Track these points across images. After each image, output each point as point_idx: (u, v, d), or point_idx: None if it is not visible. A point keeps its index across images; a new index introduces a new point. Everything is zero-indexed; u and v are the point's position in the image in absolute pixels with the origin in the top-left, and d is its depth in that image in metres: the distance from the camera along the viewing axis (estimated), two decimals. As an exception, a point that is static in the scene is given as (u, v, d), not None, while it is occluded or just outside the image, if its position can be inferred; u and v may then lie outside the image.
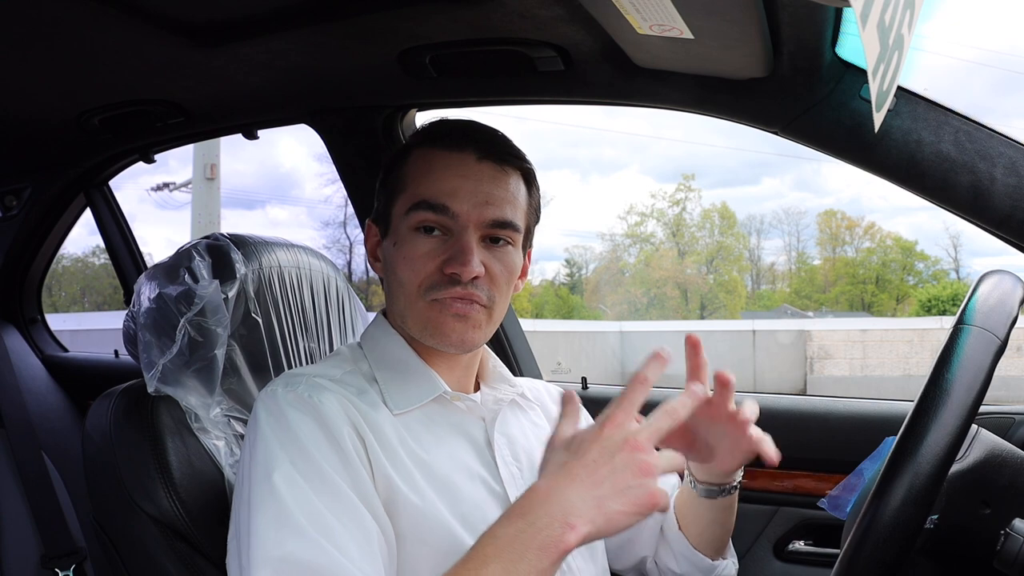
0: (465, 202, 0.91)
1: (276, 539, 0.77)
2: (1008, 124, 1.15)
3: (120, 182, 1.99)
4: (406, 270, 0.93)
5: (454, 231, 0.92)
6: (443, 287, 0.91)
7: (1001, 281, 0.81)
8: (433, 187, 0.92)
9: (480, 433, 0.97)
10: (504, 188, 0.94)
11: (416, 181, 0.94)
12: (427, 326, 0.93)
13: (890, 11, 0.63)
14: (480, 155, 0.94)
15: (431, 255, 0.92)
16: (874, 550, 0.70)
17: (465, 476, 0.91)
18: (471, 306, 0.92)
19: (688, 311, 34.58)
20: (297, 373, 0.93)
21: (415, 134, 1.01)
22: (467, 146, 0.94)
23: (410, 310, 0.94)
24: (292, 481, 0.81)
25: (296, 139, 60.90)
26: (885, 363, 14.57)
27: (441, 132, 0.98)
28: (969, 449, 0.87)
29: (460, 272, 0.90)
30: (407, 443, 0.90)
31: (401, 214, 0.94)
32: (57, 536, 1.65)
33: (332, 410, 0.86)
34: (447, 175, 0.93)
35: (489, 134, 0.97)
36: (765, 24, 0.95)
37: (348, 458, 0.84)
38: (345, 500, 0.81)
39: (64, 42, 1.21)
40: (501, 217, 0.93)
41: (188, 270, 1.10)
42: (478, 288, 0.92)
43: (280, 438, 0.84)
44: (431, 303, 0.92)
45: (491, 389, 1.03)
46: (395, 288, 0.96)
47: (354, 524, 0.80)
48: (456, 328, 0.92)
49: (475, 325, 0.93)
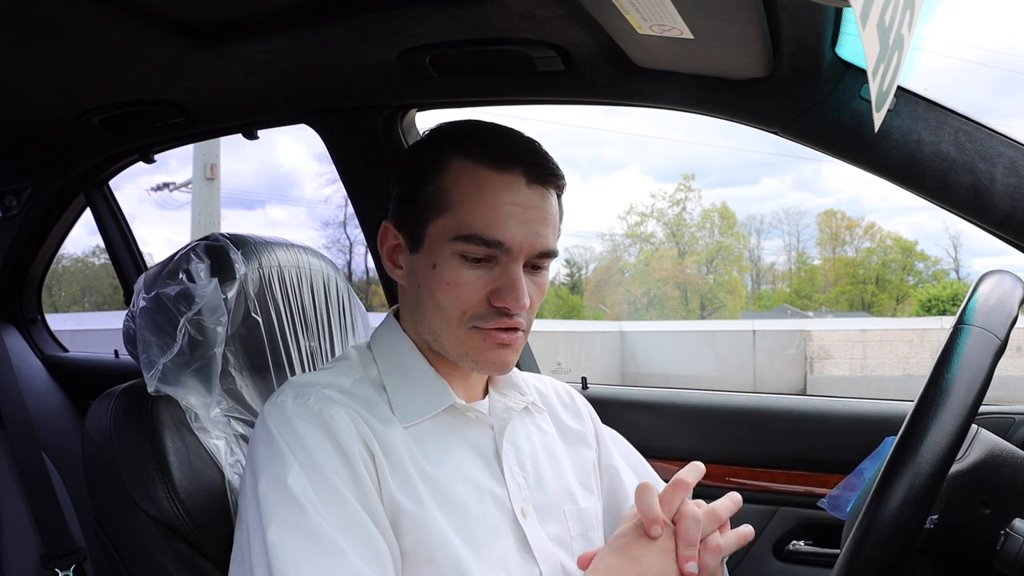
0: (517, 234, 0.87)
1: (295, 555, 0.77)
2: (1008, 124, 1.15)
3: (120, 182, 1.99)
4: (449, 297, 0.89)
5: (501, 261, 0.89)
6: (490, 318, 0.89)
7: (1001, 281, 0.81)
8: (484, 217, 0.87)
9: (488, 443, 0.96)
10: (550, 214, 0.91)
11: (463, 205, 0.88)
12: (468, 352, 0.91)
13: (890, 11, 0.63)
14: (529, 178, 0.89)
15: (477, 284, 0.89)
16: (874, 550, 0.70)
17: (474, 492, 0.90)
18: (515, 334, 0.91)
19: (688, 311, 34.57)
20: (307, 383, 0.91)
21: (445, 137, 0.94)
22: (515, 166, 0.89)
23: (448, 334, 0.91)
24: (308, 497, 0.80)
25: (296, 139, 60.97)
26: (885, 363, 14.56)
27: (485, 145, 0.91)
28: (969, 449, 0.87)
29: (512, 307, 0.88)
30: (416, 459, 0.89)
31: (443, 238, 0.89)
32: (57, 536, 1.65)
33: (343, 425, 0.85)
34: (498, 203, 0.87)
35: (534, 150, 0.92)
36: (765, 24, 0.95)
37: (359, 475, 0.83)
38: (358, 518, 0.81)
39: (64, 42, 1.21)
40: (547, 248, 0.91)
41: (187, 270, 1.10)
42: (521, 316, 0.90)
43: (294, 452, 0.83)
44: (472, 330, 0.90)
45: (501, 395, 1.01)
46: (430, 309, 0.92)
47: (364, 543, 0.80)
48: (500, 354, 0.91)
49: (516, 349, 0.93)
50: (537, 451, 1.00)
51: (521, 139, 0.93)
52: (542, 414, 1.06)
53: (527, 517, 0.92)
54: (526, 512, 0.93)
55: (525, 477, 0.96)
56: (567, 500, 0.99)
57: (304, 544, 0.78)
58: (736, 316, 30.90)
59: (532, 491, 0.95)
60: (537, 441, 1.02)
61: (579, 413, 1.12)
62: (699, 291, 36.18)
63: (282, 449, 0.84)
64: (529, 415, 1.04)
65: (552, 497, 0.97)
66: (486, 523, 0.89)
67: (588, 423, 1.12)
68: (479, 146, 0.91)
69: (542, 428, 1.05)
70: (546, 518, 0.95)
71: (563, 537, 0.95)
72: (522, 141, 0.93)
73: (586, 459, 1.08)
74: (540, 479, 0.97)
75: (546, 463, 1.00)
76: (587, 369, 2.58)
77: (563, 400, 1.12)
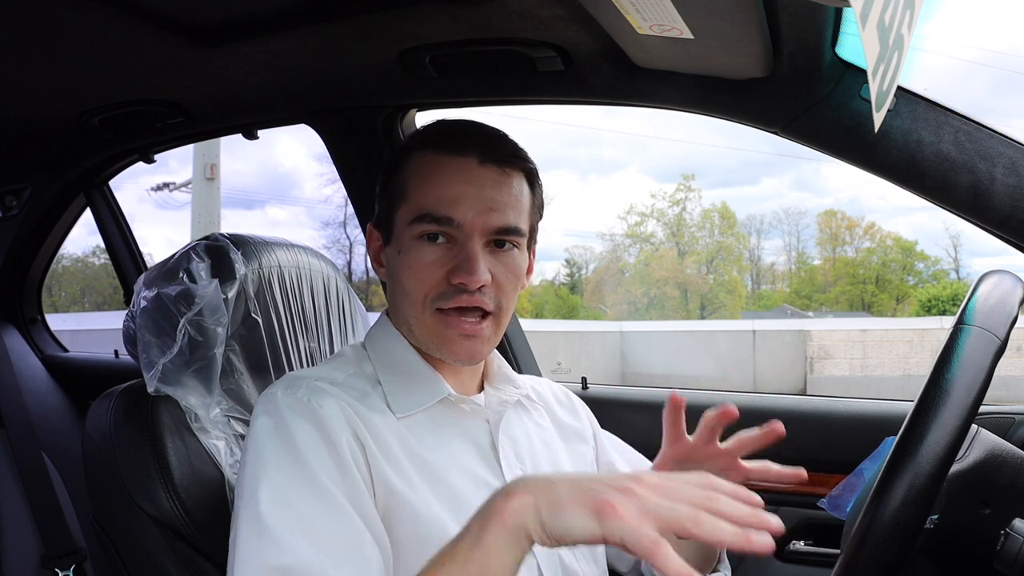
0: (469, 210, 0.90)
1: (258, 548, 0.77)
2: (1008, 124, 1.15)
3: (120, 182, 1.99)
4: (411, 280, 0.92)
5: (458, 239, 0.91)
6: (450, 296, 0.90)
7: (1001, 281, 0.81)
8: (435, 196, 0.90)
9: (484, 436, 0.96)
10: (507, 192, 0.92)
11: (418, 189, 0.92)
12: (434, 339, 0.93)
13: (890, 11, 0.63)
14: (482, 158, 0.92)
15: (436, 264, 0.91)
16: (874, 550, 0.70)
17: (470, 482, 0.91)
18: (479, 325, 0.91)
19: (688, 311, 34.58)
20: (298, 376, 0.92)
21: (413, 136, 0.98)
22: (468, 149, 0.92)
23: (416, 321, 0.93)
24: (283, 488, 0.80)
25: (295, 139, 60.95)
26: (885, 363, 14.56)
27: (441, 134, 0.95)
28: (969, 449, 0.87)
29: (467, 282, 0.89)
30: (409, 446, 0.89)
31: (404, 223, 0.93)
32: (57, 536, 1.65)
33: (331, 415, 0.86)
34: (449, 182, 0.91)
35: (490, 135, 0.96)
36: (765, 24, 0.95)
37: (345, 465, 0.83)
38: (338, 508, 0.80)
39: (64, 42, 1.21)
40: (505, 223, 0.91)
41: (187, 270, 1.10)
42: (485, 295, 0.91)
43: (277, 443, 0.84)
44: (438, 315, 0.91)
45: (495, 390, 1.02)
46: (400, 297, 0.95)
47: (344, 532, 0.79)
48: (465, 344, 0.92)
49: (483, 339, 0.93)
50: (535, 445, 1.01)
51: (477, 126, 0.97)
52: (538, 410, 1.07)
53: None
54: None
55: (523, 469, 0.96)
56: None
57: (287, 533, 0.77)
58: (736, 316, 30.92)
59: None
60: (534, 435, 1.02)
61: (576, 412, 1.13)
62: (699, 291, 36.20)
63: (271, 441, 0.84)
64: (525, 411, 1.05)
65: None
66: None
67: (585, 421, 1.12)
68: (436, 136, 0.95)
69: (539, 423, 1.05)
70: None
71: None
72: (477, 127, 0.96)
73: (584, 455, 1.08)
74: (539, 471, 0.97)
75: (544, 457, 1.00)
76: (587, 369, 2.58)
77: (559, 399, 1.13)
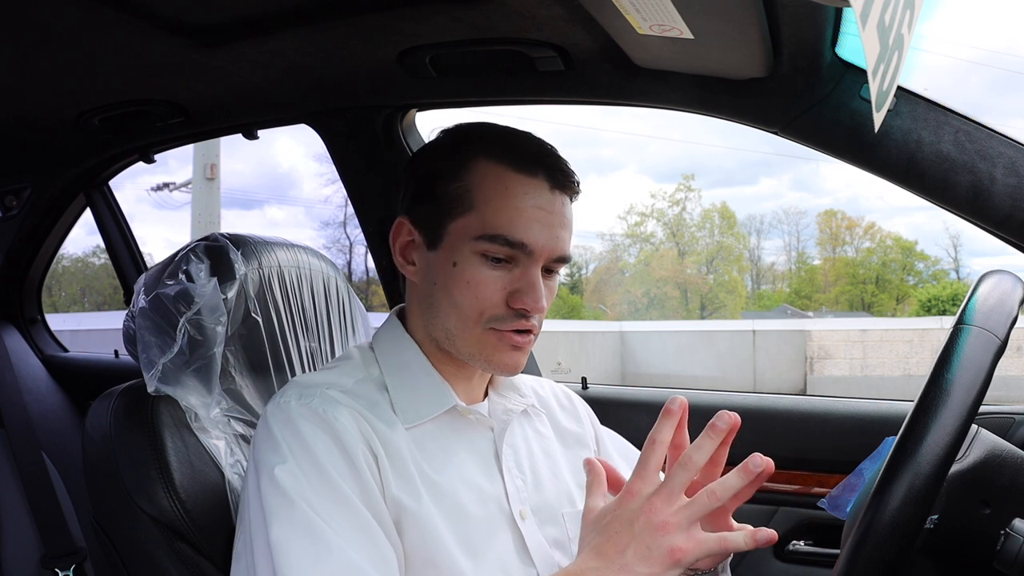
0: (540, 237, 0.88)
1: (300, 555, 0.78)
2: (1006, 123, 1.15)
3: (120, 182, 2.00)
4: (468, 296, 0.90)
5: (521, 263, 0.89)
6: (508, 320, 0.90)
7: (1001, 281, 0.81)
8: (510, 218, 0.88)
9: (488, 445, 0.96)
10: (568, 219, 0.92)
11: (488, 205, 0.89)
12: (482, 352, 0.92)
13: (890, 11, 0.63)
14: (552, 183, 0.90)
15: (496, 284, 0.89)
16: (874, 550, 0.70)
17: (474, 495, 0.90)
18: (528, 336, 0.92)
19: (688, 311, 34.59)
20: (309, 384, 0.91)
21: (474, 139, 0.94)
22: (540, 171, 0.90)
23: (464, 333, 0.92)
24: (311, 498, 0.81)
25: (294, 139, 60.94)
26: (885, 363, 14.56)
27: (510, 147, 0.91)
28: (969, 449, 0.87)
29: (531, 309, 0.89)
30: (419, 462, 0.89)
31: (465, 236, 0.89)
32: (57, 536, 1.65)
33: (346, 427, 0.86)
34: (524, 206, 0.88)
35: (555, 156, 0.93)
36: (765, 24, 0.95)
37: (363, 476, 0.83)
38: (361, 519, 0.81)
39: (64, 42, 1.21)
40: (565, 252, 0.91)
41: (187, 271, 1.10)
42: (535, 319, 0.91)
43: (297, 453, 0.83)
44: (489, 331, 0.91)
45: (500, 397, 1.01)
46: (446, 307, 0.92)
47: (367, 544, 0.80)
48: (513, 356, 0.92)
49: (526, 352, 0.94)
50: (535, 454, 1.00)
51: (544, 145, 0.95)
52: (540, 417, 1.06)
53: (525, 519, 0.92)
54: (524, 514, 0.93)
55: (523, 479, 0.96)
56: (565, 502, 0.99)
57: (308, 545, 0.78)
58: (736, 316, 30.92)
59: (530, 493, 0.95)
60: (535, 444, 1.02)
61: (578, 416, 1.12)
62: (699, 291, 36.20)
63: (286, 450, 0.84)
64: (527, 418, 1.04)
65: (550, 500, 0.97)
66: (485, 525, 0.89)
67: (587, 425, 1.12)
68: (505, 148, 0.91)
69: (540, 431, 1.05)
70: (545, 520, 0.95)
71: (561, 540, 0.95)
72: (545, 146, 0.94)
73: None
74: (538, 481, 0.97)
75: (544, 466, 1.00)
76: (587, 369, 2.58)
77: (561, 403, 1.12)
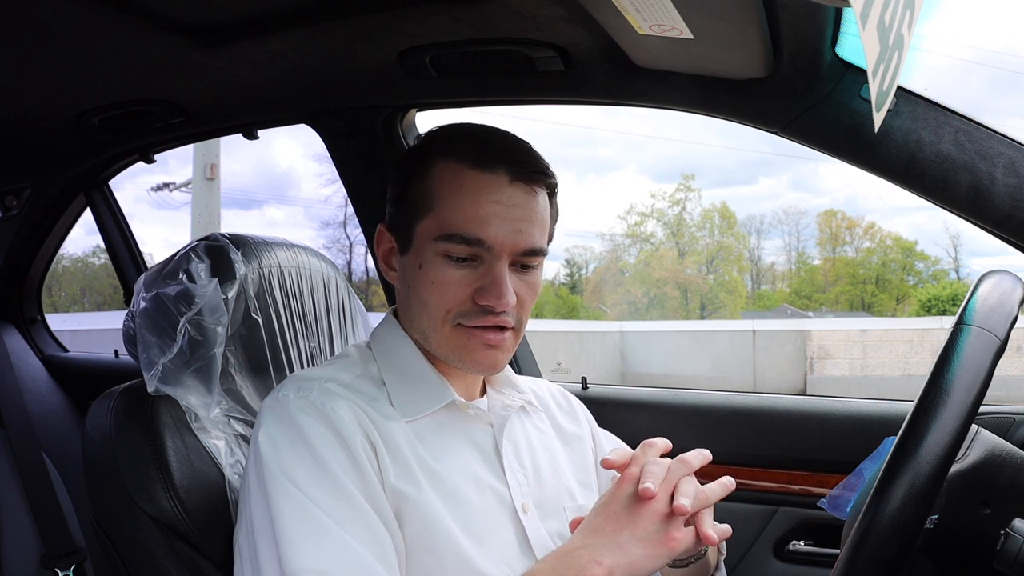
0: (499, 231, 0.88)
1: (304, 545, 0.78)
2: (1005, 123, 1.15)
3: (120, 182, 2.00)
4: (434, 296, 0.90)
5: (485, 259, 0.89)
6: (475, 316, 0.90)
7: (1001, 281, 0.81)
8: (465, 216, 0.88)
9: (488, 440, 0.96)
10: (534, 211, 0.91)
11: (445, 204, 0.89)
12: (455, 351, 0.92)
13: (890, 11, 0.63)
14: (512, 176, 0.89)
15: (462, 283, 0.89)
16: (874, 550, 0.70)
17: (474, 486, 0.91)
18: (501, 335, 0.91)
19: (688, 311, 34.58)
20: (308, 377, 0.92)
21: (437, 141, 0.95)
22: (499, 166, 0.89)
23: (435, 333, 0.92)
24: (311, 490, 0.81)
25: (293, 139, 60.88)
26: (885, 363, 14.55)
27: (469, 145, 0.91)
28: (969, 449, 0.87)
29: (495, 305, 0.88)
30: (418, 452, 0.89)
31: (428, 237, 0.90)
32: (57, 536, 1.65)
33: (345, 418, 0.86)
34: (480, 201, 0.88)
35: (518, 148, 0.93)
36: (765, 24, 0.95)
37: (362, 468, 0.84)
38: (361, 509, 0.82)
39: (64, 42, 1.21)
40: (531, 246, 0.90)
41: (187, 270, 1.10)
42: (508, 315, 0.91)
43: (296, 445, 0.84)
44: (458, 328, 0.91)
45: (499, 394, 1.02)
46: (418, 308, 0.93)
47: (368, 533, 0.81)
48: (488, 355, 0.92)
49: (505, 350, 0.93)
50: (535, 449, 1.01)
51: (506, 139, 0.94)
52: (539, 414, 1.07)
53: (527, 513, 0.93)
54: (526, 508, 0.93)
55: (525, 474, 0.96)
56: (566, 497, 1.00)
57: (311, 536, 0.79)
58: (736, 316, 30.91)
59: (532, 488, 0.96)
60: (535, 439, 1.02)
61: (575, 415, 1.13)
62: (699, 291, 36.19)
63: (285, 443, 0.84)
64: (527, 415, 1.05)
65: (551, 494, 0.98)
66: (487, 517, 0.90)
67: (584, 425, 1.12)
68: (463, 146, 0.92)
69: (539, 427, 1.06)
70: (547, 515, 0.96)
71: (563, 533, 0.95)
72: (506, 141, 0.94)
73: (585, 458, 1.08)
74: (539, 476, 0.98)
75: (545, 461, 1.01)
76: (587, 369, 2.58)
77: (559, 403, 1.13)
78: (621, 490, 0.83)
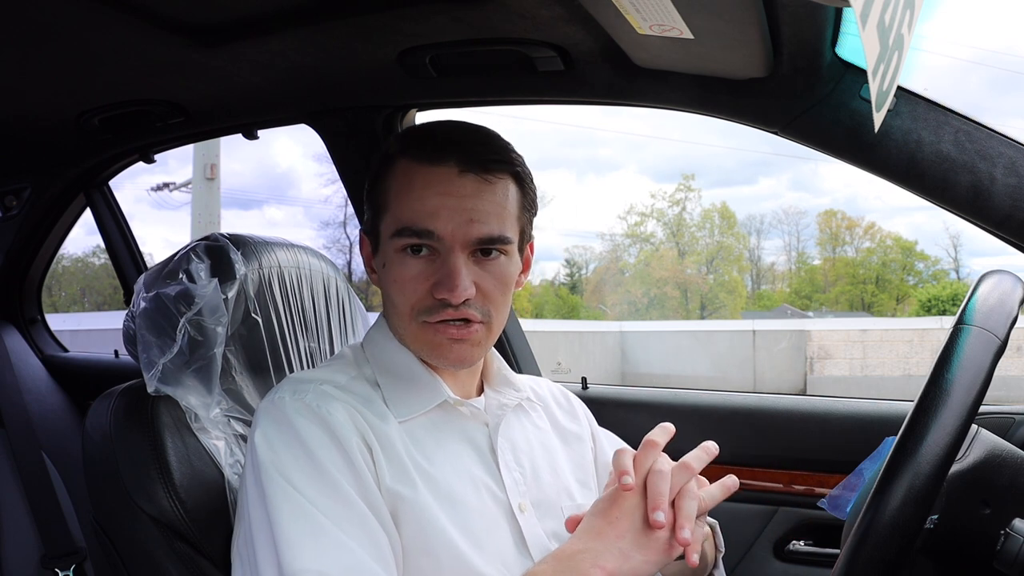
0: (449, 222, 0.88)
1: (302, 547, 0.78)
2: (1004, 123, 1.15)
3: (120, 182, 1.99)
4: (398, 293, 0.92)
5: (440, 252, 0.89)
6: (435, 311, 0.90)
7: (1001, 281, 0.81)
8: (413, 209, 0.89)
9: (484, 439, 0.96)
10: (490, 200, 0.90)
11: (397, 201, 0.91)
12: (424, 346, 0.93)
13: (890, 11, 0.63)
14: (462, 167, 0.89)
15: (420, 278, 0.90)
16: (874, 550, 0.70)
17: (470, 486, 0.91)
18: (467, 329, 0.91)
19: (688, 311, 34.57)
20: (303, 379, 0.92)
21: (396, 141, 0.96)
22: (447, 158, 0.89)
23: (406, 331, 0.94)
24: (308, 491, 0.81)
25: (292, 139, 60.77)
26: (885, 363, 14.55)
27: (420, 141, 0.92)
28: (969, 449, 0.87)
29: (449, 297, 0.88)
30: (413, 454, 0.89)
31: (387, 236, 0.92)
32: (57, 536, 1.65)
33: (341, 420, 0.86)
34: (427, 194, 0.88)
35: (472, 138, 0.92)
36: (765, 24, 0.95)
37: (358, 469, 0.84)
38: (357, 511, 0.82)
39: (64, 42, 1.21)
40: (488, 234, 0.89)
41: (187, 271, 1.10)
42: (471, 307, 0.90)
43: (293, 447, 0.84)
44: (424, 325, 0.91)
45: (495, 392, 1.02)
46: (390, 308, 0.95)
47: (365, 535, 0.81)
48: (455, 349, 0.92)
49: (474, 343, 0.93)
50: (533, 448, 1.01)
51: (460, 131, 0.94)
52: (537, 411, 1.07)
53: (524, 512, 0.93)
54: (523, 507, 0.93)
55: (522, 473, 0.96)
56: (565, 496, 0.99)
57: (309, 537, 0.79)
58: (736, 316, 30.91)
59: (529, 487, 0.96)
60: (533, 438, 1.02)
61: (575, 414, 1.12)
62: (699, 291, 36.19)
63: (282, 445, 0.85)
64: (525, 413, 1.05)
65: (550, 493, 0.98)
66: (484, 517, 0.90)
67: (584, 423, 1.12)
68: (415, 142, 0.93)
69: (538, 426, 1.05)
70: (544, 514, 0.95)
71: (560, 533, 0.95)
72: (460, 133, 0.94)
73: (584, 457, 1.08)
74: (537, 475, 0.98)
75: (543, 460, 1.00)
76: (587, 369, 2.58)
77: (559, 401, 1.13)
78: (625, 498, 0.83)
